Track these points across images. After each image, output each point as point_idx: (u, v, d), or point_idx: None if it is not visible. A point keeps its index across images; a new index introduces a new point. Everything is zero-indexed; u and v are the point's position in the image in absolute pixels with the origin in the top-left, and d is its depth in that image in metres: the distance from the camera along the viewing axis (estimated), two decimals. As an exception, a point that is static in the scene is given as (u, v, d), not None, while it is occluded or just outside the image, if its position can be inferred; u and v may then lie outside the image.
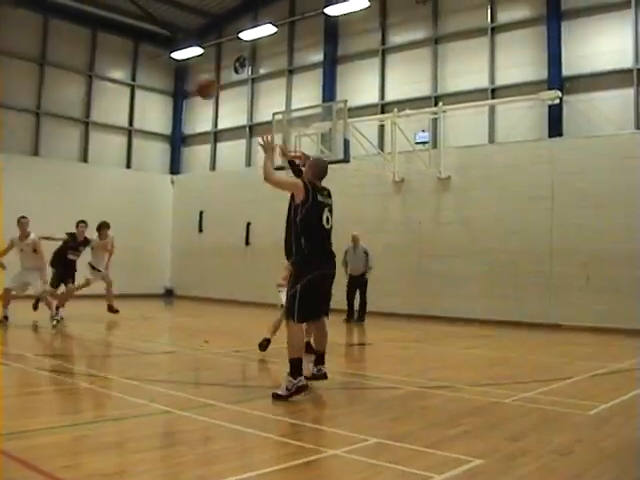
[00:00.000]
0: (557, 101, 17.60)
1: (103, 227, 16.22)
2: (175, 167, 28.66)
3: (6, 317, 14.36)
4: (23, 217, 14.77)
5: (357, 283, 17.63)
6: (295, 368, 7.53)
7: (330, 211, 8.17)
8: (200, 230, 26.14)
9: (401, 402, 7.80)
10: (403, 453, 5.48)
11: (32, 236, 14.64)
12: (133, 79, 27.50)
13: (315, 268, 7.78)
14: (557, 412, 7.17)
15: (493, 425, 6.62)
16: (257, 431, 6.06)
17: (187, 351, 11.56)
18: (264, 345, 10.91)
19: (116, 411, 6.92)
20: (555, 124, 18.45)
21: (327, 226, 8.02)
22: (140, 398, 7.48)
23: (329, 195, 8.42)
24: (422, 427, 6.50)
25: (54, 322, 14.01)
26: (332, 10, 21.67)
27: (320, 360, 8.35)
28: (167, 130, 28.87)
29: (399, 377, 9.25)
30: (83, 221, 15.85)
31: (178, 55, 26.31)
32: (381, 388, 8.61)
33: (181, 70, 28.62)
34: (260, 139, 8.27)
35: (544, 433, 6.29)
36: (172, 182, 28.01)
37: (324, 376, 8.28)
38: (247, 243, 24.08)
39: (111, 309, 16.49)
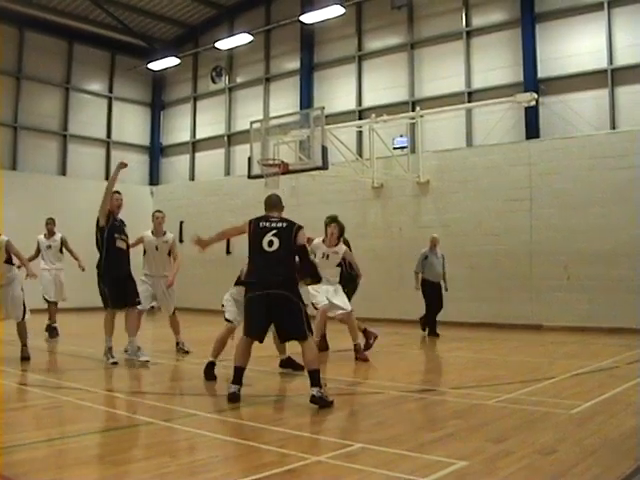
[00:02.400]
0: (533, 103, 17.70)
1: None
2: (154, 178, 28.59)
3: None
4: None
5: (437, 290, 16.11)
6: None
7: (277, 235, 8.22)
8: (181, 240, 25.99)
9: (384, 407, 7.80)
10: (387, 457, 5.48)
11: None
12: (110, 90, 27.42)
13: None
14: (540, 412, 7.19)
15: (476, 427, 6.62)
16: (240, 440, 6.04)
17: (169, 362, 11.52)
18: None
19: (98, 424, 6.88)
20: (532, 126, 18.57)
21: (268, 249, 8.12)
22: (122, 410, 7.45)
23: (280, 221, 8.58)
24: (406, 431, 6.51)
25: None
26: (308, 18, 21.73)
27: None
28: (145, 141, 28.80)
29: (382, 382, 9.26)
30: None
31: (155, 66, 26.28)
32: (364, 393, 8.62)
33: (158, 80, 28.59)
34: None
35: (527, 433, 6.30)
36: (152, 193, 27.92)
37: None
38: (228, 252, 24.02)
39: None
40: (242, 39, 23.83)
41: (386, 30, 22.27)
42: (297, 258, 8.27)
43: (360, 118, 22.09)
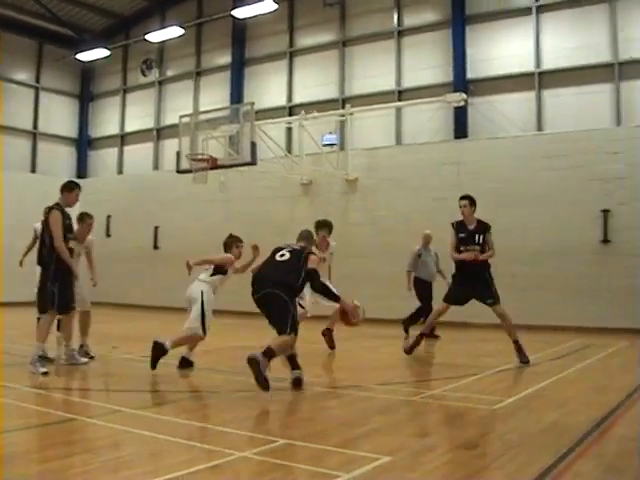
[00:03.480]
0: (462, 103, 17.88)
1: None
2: (82, 171, 28.10)
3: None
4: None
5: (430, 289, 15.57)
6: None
7: (289, 252, 9.19)
8: (108, 235, 25.72)
9: (310, 402, 7.81)
10: (312, 453, 5.48)
11: None
12: (37, 81, 26.87)
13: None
14: (464, 408, 7.28)
15: (401, 423, 6.67)
16: (165, 436, 5.98)
17: (95, 357, 11.35)
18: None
19: (20, 421, 6.74)
20: (460, 126, 18.80)
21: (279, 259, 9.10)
22: (45, 407, 7.31)
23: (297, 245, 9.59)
24: (330, 427, 6.52)
25: None
26: (240, 12, 21.62)
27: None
28: (73, 133, 28.30)
29: (309, 378, 9.24)
30: None
31: (84, 56, 25.79)
32: (289, 389, 8.60)
33: (87, 72, 28.13)
34: None
35: (451, 429, 6.38)
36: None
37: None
38: (155, 247, 23.82)
39: None
40: (173, 32, 23.60)
41: (318, 27, 22.30)
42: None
43: (290, 114, 22.07)
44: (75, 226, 11.50)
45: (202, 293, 10.22)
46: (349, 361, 11.96)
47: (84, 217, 12.28)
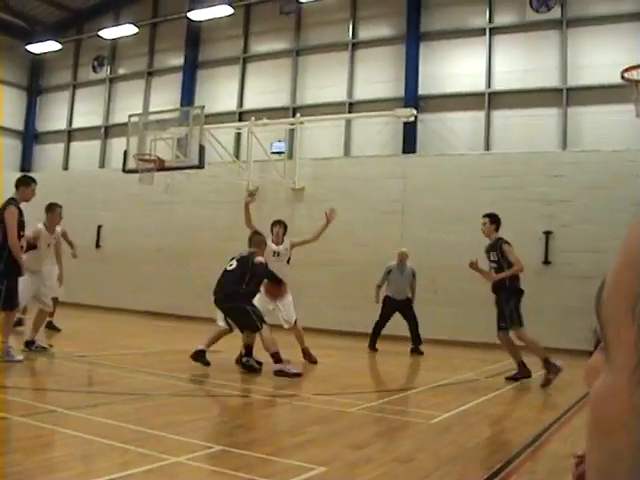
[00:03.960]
0: (412, 119, 18.02)
1: None
2: (26, 165, 27.65)
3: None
4: None
5: (400, 307, 15.39)
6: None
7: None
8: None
9: (247, 410, 7.79)
10: (246, 461, 5.45)
11: None
12: (-16, 70, 26.45)
13: None
14: (400, 421, 7.32)
15: (337, 433, 6.68)
16: (99, 438, 5.90)
17: (30, 356, 11.17)
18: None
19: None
20: (409, 141, 18.93)
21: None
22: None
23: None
24: (266, 435, 6.51)
25: None
26: (196, 15, 21.56)
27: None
28: (19, 126, 27.82)
29: (248, 385, 9.24)
30: None
31: (34, 48, 25.46)
32: (228, 396, 8.56)
33: (37, 64, 27.70)
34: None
35: (387, 441, 6.40)
36: (21, 180, 27.03)
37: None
38: (97, 246, 23.56)
39: None
40: (127, 30, 23.44)
41: (273, 34, 22.31)
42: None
43: (240, 120, 22.03)
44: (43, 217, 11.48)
45: None
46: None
47: (53, 207, 12.31)
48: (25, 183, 10.61)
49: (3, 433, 6.23)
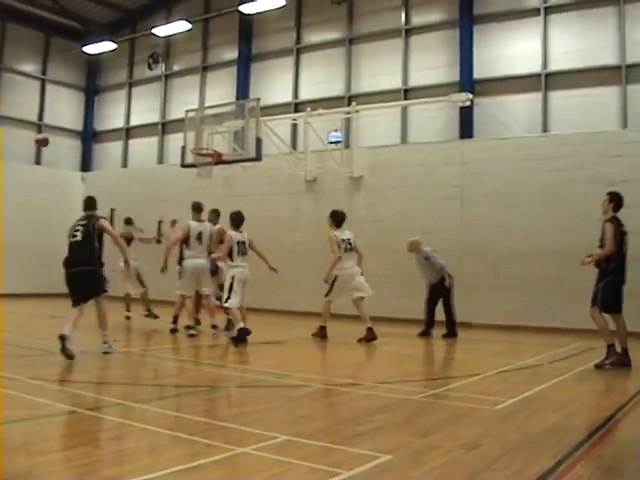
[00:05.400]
0: (468, 103, 17.86)
1: None
2: (86, 164, 28.11)
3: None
4: None
5: (436, 292, 15.27)
6: None
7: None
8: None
9: (311, 400, 7.81)
10: (312, 450, 5.48)
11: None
12: (44, 73, 26.83)
13: None
14: (465, 408, 7.27)
15: (402, 422, 6.67)
16: (166, 430, 5.98)
17: (96, 350, 11.34)
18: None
19: (22, 412, 6.73)
20: (466, 126, 18.75)
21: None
22: (47, 398, 7.31)
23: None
24: (331, 424, 6.52)
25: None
26: (247, 8, 21.57)
27: None
28: (78, 126, 28.25)
29: (310, 375, 9.26)
30: None
31: (90, 49, 25.80)
32: (291, 386, 8.60)
33: (93, 65, 28.09)
34: None
35: (452, 428, 6.36)
36: (83, 179, 27.43)
37: None
38: (158, 242, 23.77)
39: None
40: (180, 26, 23.59)
41: (325, 24, 22.26)
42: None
43: (296, 111, 22.04)
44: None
45: None
46: (351, 359, 11.95)
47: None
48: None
49: (73, 426, 6.37)
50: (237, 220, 13.21)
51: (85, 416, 6.54)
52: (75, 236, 10.81)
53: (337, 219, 14.24)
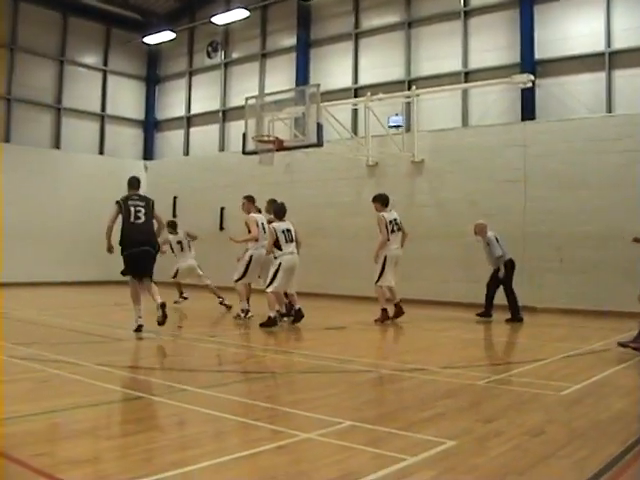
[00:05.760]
0: (530, 84, 17.62)
1: None
2: (148, 153, 28.48)
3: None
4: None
5: (496, 277, 15.07)
6: None
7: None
8: (174, 215, 25.97)
9: (374, 385, 7.83)
10: (376, 435, 5.51)
11: None
12: (105, 64, 27.23)
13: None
14: (529, 393, 7.23)
15: (466, 407, 6.66)
16: (231, 415, 6.06)
17: (160, 337, 11.52)
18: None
19: (89, 398, 6.88)
20: (528, 107, 18.51)
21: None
22: (113, 384, 7.46)
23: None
24: (395, 410, 6.54)
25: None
26: (305, -6, 21.61)
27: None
28: (140, 115, 28.63)
29: (373, 360, 9.29)
30: None
31: (150, 40, 26.13)
32: (355, 371, 8.63)
33: (153, 55, 28.41)
34: None
35: (516, 414, 6.33)
36: (145, 168, 27.79)
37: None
38: (221, 228, 23.99)
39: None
40: (238, 14, 23.70)
41: (383, 8, 22.15)
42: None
43: (356, 96, 21.99)
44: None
45: None
46: (414, 344, 11.95)
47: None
48: None
49: (139, 412, 6.48)
50: (280, 212, 13.51)
51: (150, 402, 6.65)
52: (139, 218, 11.77)
53: (384, 200, 14.67)
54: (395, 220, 14.55)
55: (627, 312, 15.27)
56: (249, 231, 14.17)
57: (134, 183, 12.60)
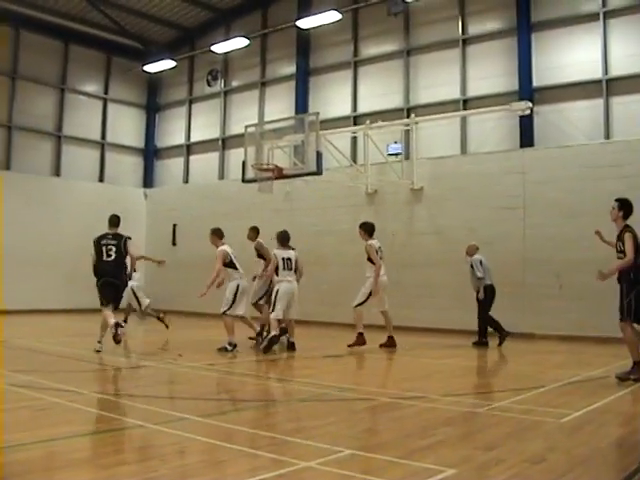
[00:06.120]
0: (528, 112, 17.68)
1: None
2: (148, 180, 28.57)
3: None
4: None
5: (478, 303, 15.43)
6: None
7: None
8: (174, 243, 26.05)
9: (375, 413, 7.80)
10: (376, 464, 5.48)
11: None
12: (106, 92, 27.41)
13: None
14: (530, 421, 7.20)
15: (466, 435, 6.64)
16: (230, 444, 6.03)
17: (160, 365, 11.50)
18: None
19: (87, 426, 6.87)
20: (526, 134, 18.59)
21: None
22: (112, 413, 7.43)
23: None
24: (395, 438, 6.51)
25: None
26: (304, 23, 21.74)
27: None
28: (140, 143, 28.76)
29: (373, 388, 9.26)
30: None
31: (150, 68, 26.27)
32: (355, 399, 8.61)
33: (154, 83, 28.57)
34: None
35: (517, 442, 6.31)
36: (145, 195, 27.89)
37: None
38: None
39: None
40: (238, 43, 23.84)
41: (382, 36, 22.30)
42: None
43: (355, 124, 22.09)
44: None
45: None
46: (413, 372, 11.90)
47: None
48: None
49: (139, 440, 6.45)
50: (283, 239, 14.15)
51: (150, 430, 6.62)
52: (110, 255, 12.93)
53: (370, 229, 14.75)
54: (380, 248, 14.69)
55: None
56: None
57: (113, 220, 13.55)
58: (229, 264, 14.44)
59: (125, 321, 17.01)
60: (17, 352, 13.00)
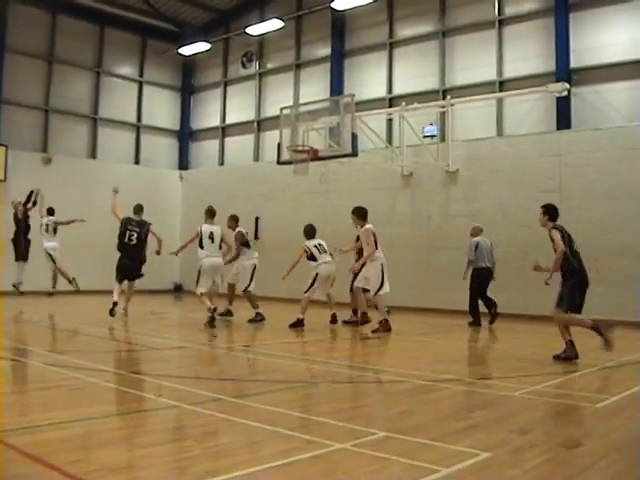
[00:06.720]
0: (565, 93, 17.49)
1: None
2: (183, 162, 28.70)
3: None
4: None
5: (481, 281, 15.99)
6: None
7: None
8: (209, 225, 26.13)
9: (409, 395, 7.80)
10: (410, 446, 5.48)
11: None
12: (141, 75, 27.53)
13: None
14: (565, 405, 7.18)
15: (501, 418, 6.62)
16: (265, 425, 6.06)
17: (196, 346, 11.58)
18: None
19: (124, 406, 6.95)
20: (563, 116, 18.39)
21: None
22: (148, 393, 7.50)
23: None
24: (430, 420, 6.50)
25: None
26: (339, 4, 21.64)
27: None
28: (175, 126, 28.88)
29: (407, 370, 9.25)
30: None
31: (185, 51, 26.35)
32: (389, 382, 8.62)
33: (189, 65, 28.66)
34: None
35: (552, 426, 6.29)
36: (181, 177, 28.01)
37: None
38: (256, 237, 24.04)
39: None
40: (273, 25, 23.82)
41: (418, 18, 22.15)
42: None
43: (390, 106, 21.98)
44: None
45: None
46: (447, 354, 11.87)
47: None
48: None
49: (175, 420, 6.52)
50: (309, 232, 15.14)
51: (185, 410, 6.67)
52: (131, 240, 15.07)
53: (364, 213, 14.60)
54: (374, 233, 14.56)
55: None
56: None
57: (137, 208, 16.00)
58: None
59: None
60: (53, 332, 13.16)
